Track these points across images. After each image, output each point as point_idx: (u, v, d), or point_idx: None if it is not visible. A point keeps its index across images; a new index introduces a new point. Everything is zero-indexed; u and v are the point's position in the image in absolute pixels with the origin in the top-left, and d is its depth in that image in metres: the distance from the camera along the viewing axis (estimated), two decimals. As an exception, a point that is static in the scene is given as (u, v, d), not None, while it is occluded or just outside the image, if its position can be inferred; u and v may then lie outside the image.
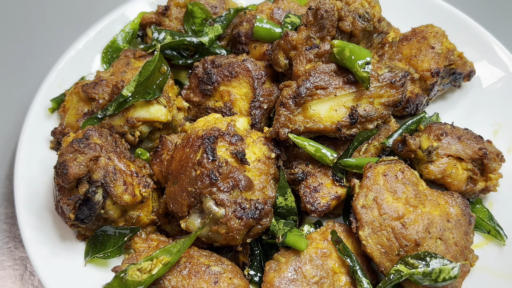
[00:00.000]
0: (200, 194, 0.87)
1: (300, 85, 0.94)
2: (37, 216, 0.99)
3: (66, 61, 1.19)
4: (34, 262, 0.93)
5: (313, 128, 0.95)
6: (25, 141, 1.07)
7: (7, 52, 1.47)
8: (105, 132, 0.99)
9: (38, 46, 1.48)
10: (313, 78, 0.95)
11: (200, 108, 1.12)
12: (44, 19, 1.55)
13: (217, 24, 1.22)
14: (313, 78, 0.95)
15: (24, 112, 1.17)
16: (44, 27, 1.52)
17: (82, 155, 0.90)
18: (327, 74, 0.96)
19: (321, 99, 0.95)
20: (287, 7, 1.20)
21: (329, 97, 0.95)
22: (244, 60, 1.09)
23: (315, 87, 0.94)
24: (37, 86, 1.18)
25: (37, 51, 1.47)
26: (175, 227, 1.00)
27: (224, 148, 0.92)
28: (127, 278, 0.80)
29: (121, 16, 1.28)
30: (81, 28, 1.29)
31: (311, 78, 0.95)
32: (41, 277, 0.92)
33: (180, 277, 0.85)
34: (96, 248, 0.96)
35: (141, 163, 1.01)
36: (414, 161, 1.00)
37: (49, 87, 1.15)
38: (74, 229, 0.97)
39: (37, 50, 1.47)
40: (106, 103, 1.04)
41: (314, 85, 0.94)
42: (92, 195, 0.89)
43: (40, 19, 1.55)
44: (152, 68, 1.02)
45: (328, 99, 0.95)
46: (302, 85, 0.94)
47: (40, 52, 1.47)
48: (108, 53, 1.24)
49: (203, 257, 0.90)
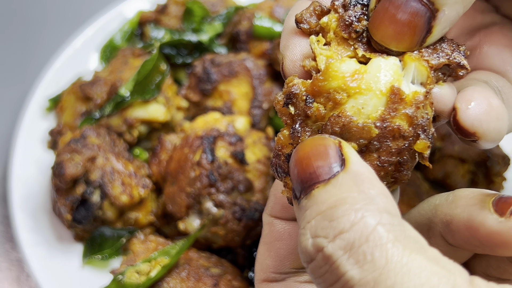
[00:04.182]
0: (199, 195, 0.86)
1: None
2: (34, 217, 0.98)
3: (63, 60, 1.18)
4: (30, 264, 0.92)
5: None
6: (22, 141, 1.06)
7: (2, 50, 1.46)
8: (102, 132, 0.98)
9: (35, 44, 1.48)
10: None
11: (199, 107, 1.12)
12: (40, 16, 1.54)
13: (216, 23, 1.21)
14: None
15: (20, 111, 1.16)
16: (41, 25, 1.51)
17: (79, 155, 0.89)
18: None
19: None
20: (288, 5, 1.19)
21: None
22: (244, 59, 1.08)
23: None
24: (33, 85, 1.17)
25: (33, 49, 1.46)
26: (174, 228, 0.99)
27: (223, 148, 0.91)
28: (125, 280, 0.79)
29: (119, 15, 1.27)
30: (79, 26, 1.28)
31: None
32: (38, 279, 0.91)
33: (179, 279, 0.84)
34: (93, 250, 0.95)
35: (139, 163, 1.00)
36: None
37: (46, 86, 1.14)
38: (71, 230, 0.96)
39: (34, 49, 1.46)
40: (104, 102, 1.03)
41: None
42: (89, 196, 0.89)
43: (37, 16, 1.54)
44: (151, 67, 1.01)
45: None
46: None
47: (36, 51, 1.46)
48: (106, 52, 1.23)
49: (202, 258, 0.89)
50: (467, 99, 0.43)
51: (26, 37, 1.49)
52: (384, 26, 0.41)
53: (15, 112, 1.29)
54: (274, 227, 0.53)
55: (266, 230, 0.54)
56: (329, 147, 0.37)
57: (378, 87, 0.40)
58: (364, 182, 0.36)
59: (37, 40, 1.48)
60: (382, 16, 0.41)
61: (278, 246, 0.52)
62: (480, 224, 0.41)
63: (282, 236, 0.52)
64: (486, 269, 0.47)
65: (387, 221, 0.33)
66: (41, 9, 1.56)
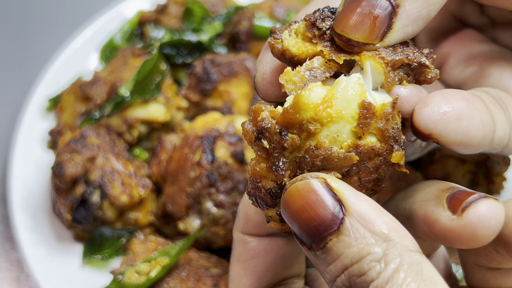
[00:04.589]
0: (199, 195, 0.86)
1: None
2: (33, 217, 0.98)
3: (63, 60, 1.18)
4: (30, 264, 0.92)
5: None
6: (21, 141, 1.06)
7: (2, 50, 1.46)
8: (102, 132, 0.98)
9: (35, 44, 1.47)
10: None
11: (199, 107, 1.11)
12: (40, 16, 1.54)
13: (216, 23, 1.21)
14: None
15: (20, 111, 1.16)
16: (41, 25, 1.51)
17: (79, 155, 0.89)
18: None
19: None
20: (288, 5, 1.19)
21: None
22: (244, 59, 1.08)
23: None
24: (33, 85, 1.17)
25: (33, 49, 1.46)
26: (174, 229, 0.99)
27: (223, 148, 0.91)
28: (125, 280, 0.79)
29: (119, 15, 1.27)
30: (78, 26, 1.28)
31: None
32: (38, 279, 0.91)
33: (179, 279, 0.84)
34: (93, 250, 0.95)
35: (139, 163, 1.00)
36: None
37: (45, 86, 1.14)
38: (71, 231, 0.96)
39: (34, 49, 1.46)
40: (103, 102, 1.03)
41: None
42: (89, 196, 0.89)
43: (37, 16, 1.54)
44: (151, 67, 1.01)
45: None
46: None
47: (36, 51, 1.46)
48: (106, 52, 1.23)
49: (202, 259, 0.89)
50: (425, 101, 0.42)
51: (26, 37, 1.49)
52: (346, 17, 0.42)
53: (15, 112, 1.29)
54: (248, 245, 0.52)
55: (240, 248, 0.53)
56: (320, 193, 0.38)
57: (349, 112, 0.40)
58: (371, 221, 0.37)
59: (37, 40, 1.48)
60: (345, 10, 0.42)
61: (254, 264, 0.52)
62: (435, 221, 0.42)
63: (258, 253, 0.52)
64: (476, 259, 0.47)
65: (406, 263, 0.36)
66: (41, 9, 1.55)
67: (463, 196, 0.41)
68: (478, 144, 0.43)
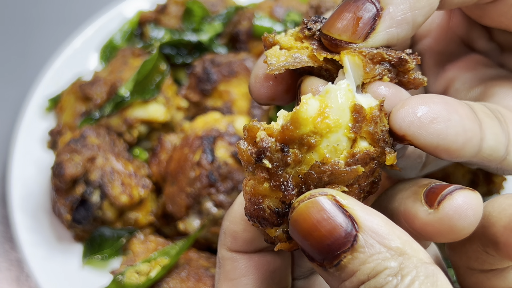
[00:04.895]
0: (198, 195, 0.86)
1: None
2: (33, 218, 0.98)
3: (63, 60, 1.18)
4: (30, 264, 0.92)
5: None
6: (21, 141, 1.06)
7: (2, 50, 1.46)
8: (102, 132, 0.98)
9: (35, 44, 1.47)
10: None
11: (199, 107, 1.11)
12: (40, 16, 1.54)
13: (216, 23, 1.21)
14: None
15: (20, 111, 1.16)
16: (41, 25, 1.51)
17: (79, 155, 0.89)
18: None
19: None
20: (288, 5, 1.19)
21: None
22: (243, 59, 1.08)
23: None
24: (33, 85, 1.17)
25: (33, 49, 1.46)
26: (174, 229, 0.99)
27: (223, 148, 0.91)
28: (125, 280, 0.79)
29: (119, 15, 1.27)
30: (78, 26, 1.28)
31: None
32: (38, 279, 0.91)
33: (179, 279, 0.84)
34: (93, 250, 0.95)
35: (139, 163, 1.00)
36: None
37: (45, 86, 1.14)
38: (71, 231, 0.96)
39: (34, 49, 1.46)
40: (103, 102, 1.03)
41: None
42: (89, 196, 0.89)
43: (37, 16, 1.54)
44: (151, 67, 1.01)
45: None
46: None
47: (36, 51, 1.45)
48: (106, 52, 1.23)
49: (202, 259, 0.89)
50: (403, 102, 0.42)
51: (26, 37, 1.49)
52: (333, 19, 0.44)
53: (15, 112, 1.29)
54: (237, 263, 0.51)
55: (228, 266, 0.52)
56: (330, 211, 0.38)
57: (345, 119, 0.40)
58: (385, 236, 0.37)
59: (37, 40, 1.48)
60: (333, 14, 0.45)
61: (245, 282, 0.51)
62: (413, 217, 0.42)
63: (248, 271, 0.51)
64: (467, 263, 0.47)
65: (422, 275, 0.36)
66: (41, 9, 1.55)
67: (439, 189, 0.41)
68: (459, 150, 0.42)
